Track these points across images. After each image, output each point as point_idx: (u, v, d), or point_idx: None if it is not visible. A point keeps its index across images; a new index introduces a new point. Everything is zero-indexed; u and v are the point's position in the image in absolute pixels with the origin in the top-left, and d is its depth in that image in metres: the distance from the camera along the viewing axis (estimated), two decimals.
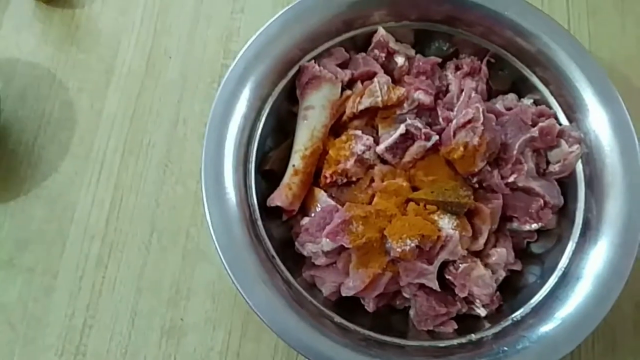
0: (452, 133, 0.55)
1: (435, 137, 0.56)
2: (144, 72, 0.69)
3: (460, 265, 0.54)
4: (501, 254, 0.56)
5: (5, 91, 0.68)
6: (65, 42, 0.71)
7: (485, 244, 0.55)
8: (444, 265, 0.55)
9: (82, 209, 0.64)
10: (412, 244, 0.51)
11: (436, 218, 0.54)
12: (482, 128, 0.54)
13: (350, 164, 0.56)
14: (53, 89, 0.69)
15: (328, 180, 0.57)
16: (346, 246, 0.53)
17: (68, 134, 0.67)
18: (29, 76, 0.69)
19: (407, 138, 0.56)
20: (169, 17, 0.72)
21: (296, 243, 0.57)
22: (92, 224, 0.63)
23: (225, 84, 0.56)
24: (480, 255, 0.56)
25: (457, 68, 0.63)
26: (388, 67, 0.62)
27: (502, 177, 0.57)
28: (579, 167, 0.58)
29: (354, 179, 0.58)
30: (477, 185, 0.57)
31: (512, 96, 0.62)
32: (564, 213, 0.58)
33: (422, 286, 0.54)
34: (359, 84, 0.61)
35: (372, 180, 0.57)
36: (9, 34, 0.71)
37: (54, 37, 0.71)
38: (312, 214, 0.57)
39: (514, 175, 0.56)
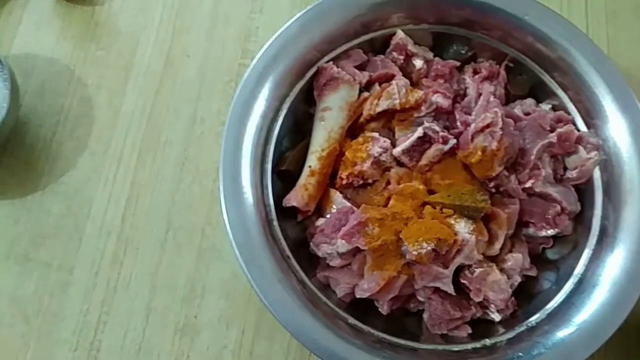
0: (470, 137, 0.55)
1: (453, 141, 0.56)
2: (162, 70, 0.70)
3: (475, 269, 0.54)
4: (517, 259, 0.55)
5: (24, 87, 0.68)
6: (85, 39, 0.71)
7: (501, 249, 0.55)
8: (459, 269, 0.55)
9: (99, 205, 0.64)
10: (428, 248, 0.51)
11: (452, 222, 0.54)
12: (501, 133, 0.54)
13: (366, 165, 0.56)
14: (72, 85, 0.69)
15: (344, 182, 0.57)
16: (361, 248, 0.53)
17: (86, 130, 0.67)
18: (48, 72, 0.69)
19: (425, 141, 0.56)
20: (188, 16, 0.72)
21: (311, 244, 0.57)
22: (109, 220, 0.64)
23: (245, 83, 0.57)
24: (495, 260, 0.56)
25: (476, 72, 0.62)
26: (406, 70, 0.62)
27: (520, 182, 0.57)
28: (597, 173, 0.57)
29: (370, 180, 0.58)
30: (494, 190, 0.57)
31: (530, 101, 0.62)
32: (581, 220, 0.58)
33: (436, 290, 0.54)
34: (376, 86, 0.61)
35: (388, 183, 0.57)
36: (28, 29, 0.71)
37: (74, 34, 0.71)
38: (328, 215, 0.57)
39: (531, 181, 0.56)
